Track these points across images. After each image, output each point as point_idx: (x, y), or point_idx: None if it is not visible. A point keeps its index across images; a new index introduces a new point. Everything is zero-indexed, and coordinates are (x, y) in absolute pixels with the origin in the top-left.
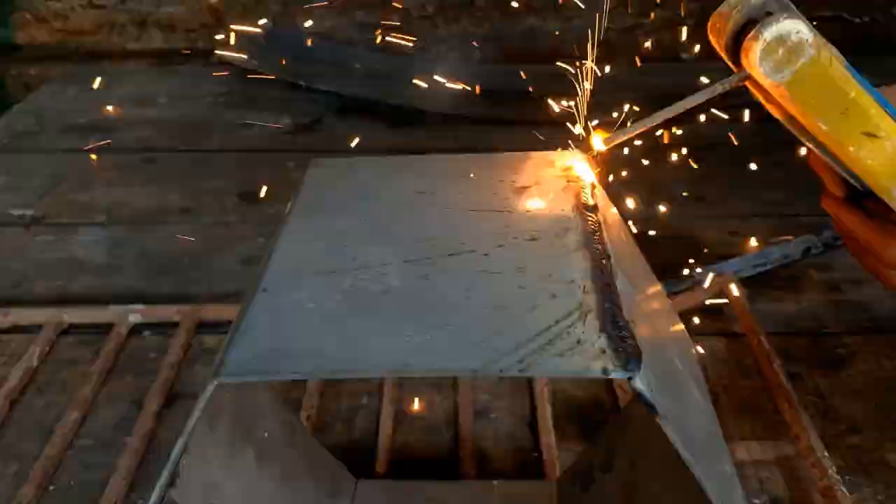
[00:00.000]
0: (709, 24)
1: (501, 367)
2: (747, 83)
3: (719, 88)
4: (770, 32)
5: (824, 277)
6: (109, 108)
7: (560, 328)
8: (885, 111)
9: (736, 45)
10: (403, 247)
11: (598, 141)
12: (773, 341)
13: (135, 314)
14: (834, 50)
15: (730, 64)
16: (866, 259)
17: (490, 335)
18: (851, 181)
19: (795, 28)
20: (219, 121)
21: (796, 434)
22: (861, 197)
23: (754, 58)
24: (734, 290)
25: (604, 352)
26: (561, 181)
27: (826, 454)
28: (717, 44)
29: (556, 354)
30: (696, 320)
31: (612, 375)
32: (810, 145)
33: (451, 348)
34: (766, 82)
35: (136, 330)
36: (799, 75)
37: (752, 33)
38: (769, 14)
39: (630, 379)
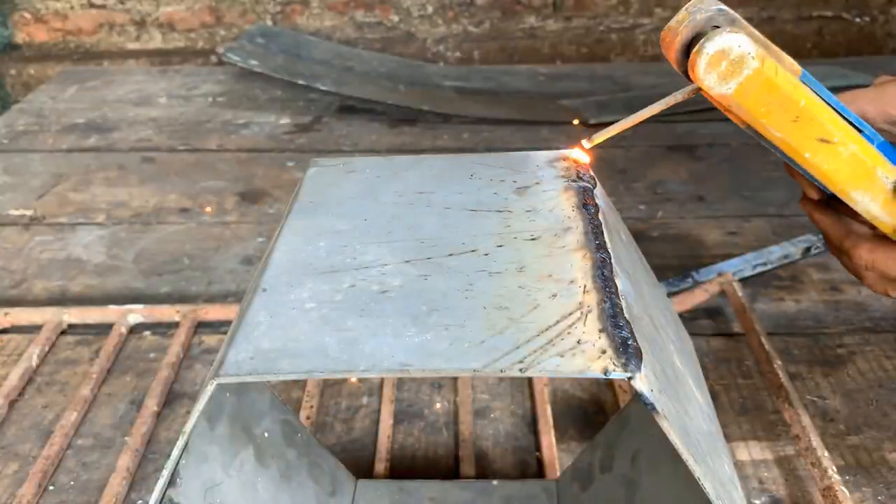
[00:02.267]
0: (660, 37)
1: (501, 366)
2: (702, 93)
3: (671, 100)
4: (712, 46)
5: (824, 277)
6: (108, 108)
7: (560, 328)
8: (841, 116)
9: (685, 58)
10: (403, 247)
11: (585, 142)
12: (773, 341)
13: (134, 314)
14: (786, 59)
15: (683, 76)
16: (843, 259)
17: (490, 335)
18: (817, 184)
19: (737, 41)
20: (218, 121)
21: (796, 434)
22: (836, 199)
23: (699, 71)
24: (734, 289)
25: (604, 352)
26: (561, 181)
27: (826, 454)
28: (669, 57)
29: (557, 354)
30: (696, 320)
31: (613, 376)
32: (772, 150)
33: (451, 348)
34: (714, 94)
35: (135, 330)
36: (744, 87)
37: (696, 48)
38: (715, 28)
39: (630, 379)
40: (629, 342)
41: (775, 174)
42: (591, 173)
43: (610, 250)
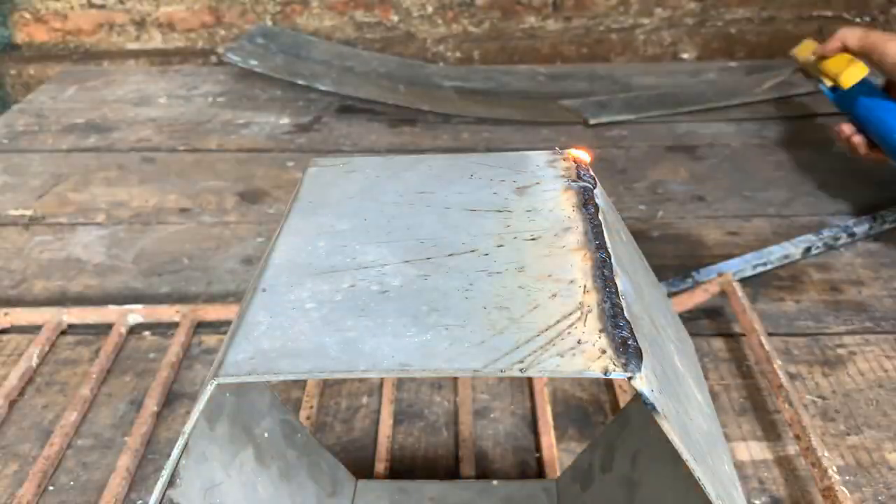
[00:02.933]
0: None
1: (501, 366)
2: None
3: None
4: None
5: (824, 277)
6: (108, 108)
7: (560, 328)
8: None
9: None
10: (403, 247)
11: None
12: (773, 341)
13: (134, 314)
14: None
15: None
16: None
17: (490, 335)
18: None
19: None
20: (218, 120)
21: (796, 434)
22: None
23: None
24: (734, 289)
25: (604, 352)
26: (561, 181)
27: (826, 454)
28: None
29: (557, 354)
30: (696, 320)
31: (613, 375)
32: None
33: (451, 348)
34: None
35: (135, 330)
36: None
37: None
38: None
39: (630, 379)
40: (629, 342)
41: (775, 174)
42: (592, 173)
43: (610, 250)
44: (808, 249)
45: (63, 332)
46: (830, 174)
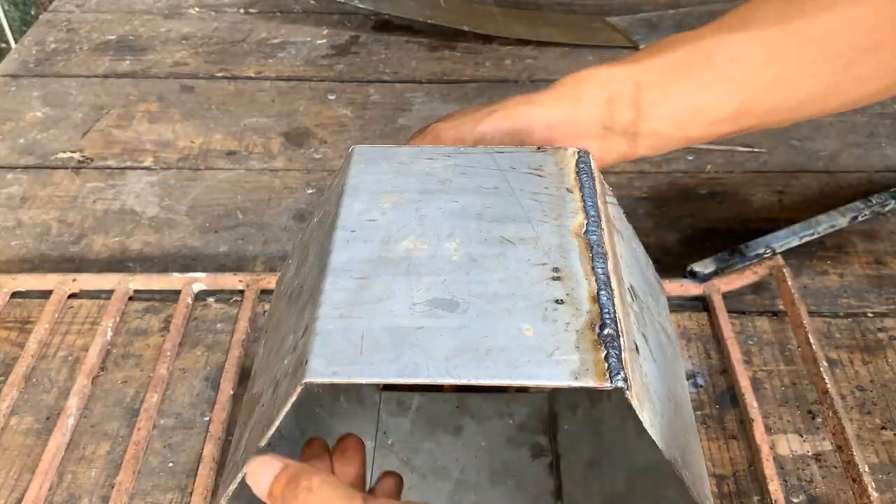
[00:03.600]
0: None
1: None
2: None
3: None
4: None
5: (869, 247)
6: (138, 20)
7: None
8: None
9: None
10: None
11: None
12: (816, 322)
13: (199, 283)
14: None
15: None
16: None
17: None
18: None
19: None
20: (253, 39)
21: (832, 429)
22: None
23: None
24: (784, 276)
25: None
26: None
27: (861, 452)
28: None
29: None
30: (742, 296)
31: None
32: None
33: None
34: None
35: (199, 296)
36: None
37: None
38: None
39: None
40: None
41: (825, 119)
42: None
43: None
44: (854, 217)
45: (129, 298)
46: (880, 119)
